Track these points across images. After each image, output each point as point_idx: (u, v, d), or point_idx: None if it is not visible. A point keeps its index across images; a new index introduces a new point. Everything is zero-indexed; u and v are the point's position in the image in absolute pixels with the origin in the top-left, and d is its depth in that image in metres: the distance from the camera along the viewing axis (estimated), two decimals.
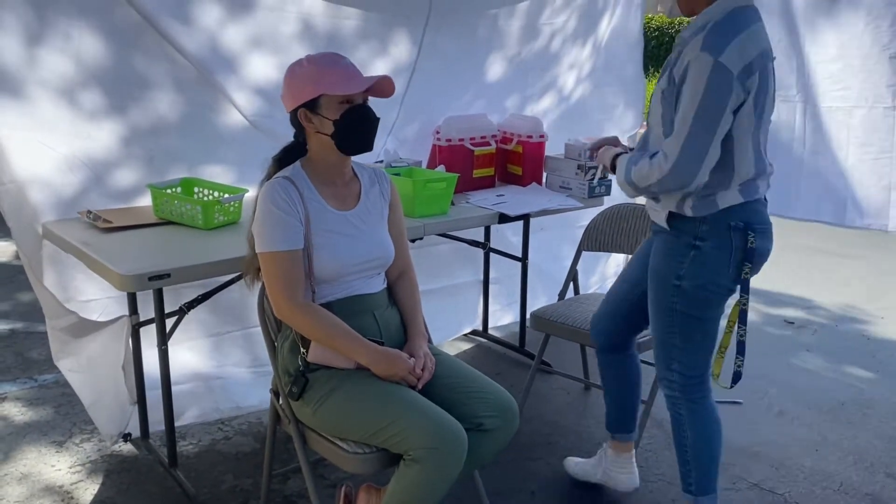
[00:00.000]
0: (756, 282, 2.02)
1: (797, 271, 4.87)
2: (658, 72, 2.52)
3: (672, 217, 2.01)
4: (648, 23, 14.00)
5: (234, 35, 2.67)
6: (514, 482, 2.54)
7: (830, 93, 3.04)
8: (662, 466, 2.66)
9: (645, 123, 2.22)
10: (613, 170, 2.15)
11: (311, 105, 1.92)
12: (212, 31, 2.62)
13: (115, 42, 2.45)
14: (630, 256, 2.72)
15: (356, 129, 1.93)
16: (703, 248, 1.97)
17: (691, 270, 1.99)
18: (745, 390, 3.27)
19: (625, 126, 4.00)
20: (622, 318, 2.34)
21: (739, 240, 1.95)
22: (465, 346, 3.68)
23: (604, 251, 3.12)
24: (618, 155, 2.14)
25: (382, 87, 1.96)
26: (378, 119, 1.98)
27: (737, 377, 2.09)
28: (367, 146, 1.99)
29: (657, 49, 13.73)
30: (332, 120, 1.91)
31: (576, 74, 3.73)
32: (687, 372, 2.08)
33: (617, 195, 3.07)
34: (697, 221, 1.96)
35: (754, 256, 1.96)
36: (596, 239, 3.05)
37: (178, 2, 2.51)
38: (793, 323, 4.06)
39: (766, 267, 2.04)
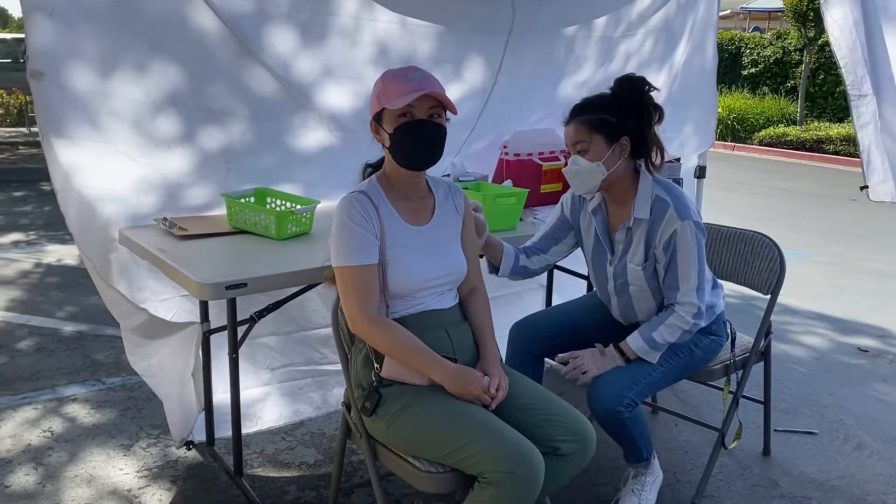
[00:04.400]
0: (826, 308, 1.94)
1: (867, 298, 4.61)
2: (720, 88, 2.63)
3: None
4: None
5: (308, 61, 2.69)
6: None
7: None
8: (735, 497, 2.56)
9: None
10: (622, 357, 2.28)
11: (378, 118, 1.94)
12: (286, 57, 2.63)
13: (191, 68, 2.47)
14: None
15: (407, 142, 1.91)
16: None
17: None
18: (819, 421, 3.14)
19: (693, 145, 3.93)
20: (570, 340, 2.48)
21: None
22: None
23: None
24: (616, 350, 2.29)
25: (441, 101, 1.91)
26: (438, 133, 1.93)
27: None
28: (423, 161, 1.95)
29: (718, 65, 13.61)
30: (389, 133, 1.91)
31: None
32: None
33: None
34: None
35: None
36: None
37: (255, 27, 2.53)
38: (867, 351, 3.89)
39: (834, 293, 1.98)
